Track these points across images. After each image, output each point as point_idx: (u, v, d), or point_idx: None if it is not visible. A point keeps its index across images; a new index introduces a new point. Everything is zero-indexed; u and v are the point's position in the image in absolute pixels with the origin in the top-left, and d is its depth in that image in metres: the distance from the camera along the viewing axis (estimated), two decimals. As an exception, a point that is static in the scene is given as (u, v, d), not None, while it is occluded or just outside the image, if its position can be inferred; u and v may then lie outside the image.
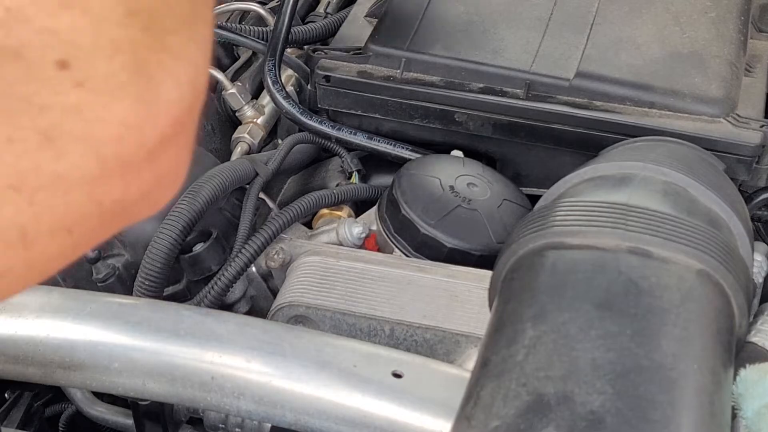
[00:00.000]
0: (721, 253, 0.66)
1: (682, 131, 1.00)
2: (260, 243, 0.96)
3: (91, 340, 0.79)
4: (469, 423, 0.57)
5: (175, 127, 0.40)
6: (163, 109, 0.39)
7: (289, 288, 0.94)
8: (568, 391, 0.55)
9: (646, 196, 0.73)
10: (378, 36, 1.11)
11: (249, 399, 0.77)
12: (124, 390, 0.80)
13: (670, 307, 0.61)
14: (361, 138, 1.12)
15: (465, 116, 1.07)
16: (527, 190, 1.08)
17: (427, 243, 0.96)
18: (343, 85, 1.10)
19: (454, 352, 0.89)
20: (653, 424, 0.54)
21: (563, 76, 1.05)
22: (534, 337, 0.59)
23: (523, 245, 0.68)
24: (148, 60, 0.38)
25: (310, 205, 1.03)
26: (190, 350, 0.78)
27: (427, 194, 0.99)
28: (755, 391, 0.64)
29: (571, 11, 1.12)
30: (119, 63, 0.37)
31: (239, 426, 0.90)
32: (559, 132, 1.05)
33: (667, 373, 0.57)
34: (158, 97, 0.39)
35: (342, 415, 0.75)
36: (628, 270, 0.63)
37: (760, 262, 0.89)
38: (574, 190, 0.78)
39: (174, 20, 0.39)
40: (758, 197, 1.04)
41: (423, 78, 1.08)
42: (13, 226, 0.37)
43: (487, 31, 1.10)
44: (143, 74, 0.38)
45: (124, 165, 0.38)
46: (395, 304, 0.91)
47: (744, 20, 1.13)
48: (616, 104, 1.04)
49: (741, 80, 1.06)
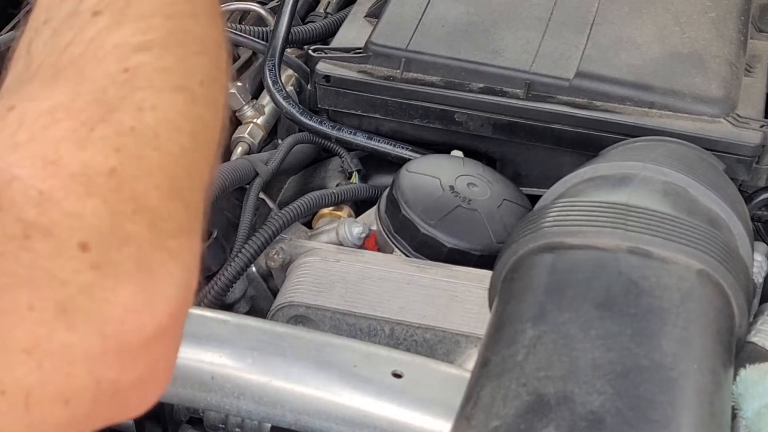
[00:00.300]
0: (721, 253, 0.66)
1: (682, 131, 1.00)
2: (260, 243, 0.96)
3: (91, 340, 0.79)
4: (469, 423, 0.57)
5: (170, 320, 0.44)
6: (161, 302, 0.44)
7: (289, 288, 0.94)
8: (568, 391, 0.55)
9: (646, 196, 0.73)
10: (378, 36, 1.11)
11: (249, 399, 0.77)
12: (124, 390, 0.79)
13: (670, 307, 0.61)
14: (361, 138, 1.12)
15: (465, 116, 1.07)
16: (527, 190, 1.08)
17: (427, 243, 0.96)
18: (343, 85, 1.10)
19: (454, 352, 0.89)
20: (653, 424, 0.54)
21: (563, 76, 1.05)
22: (534, 337, 0.59)
23: (523, 245, 0.68)
24: (151, 256, 0.43)
25: (310, 205, 1.02)
26: (190, 350, 0.78)
27: (427, 194, 0.99)
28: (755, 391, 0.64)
29: (571, 11, 1.12)
30: (128, 253, 0.42)
31: (239, 426, 0.90)
32: (559, 132, 1.05)
33: (667, 373, 0.57)
34: (157, 291, 0.43)
35: (342, 415, 0.75)
36: (628, 270, 0.63)
37: (760, 262, 0.89)
38: (574, 190, 0.78)
39: (174, 225, 0.45)
40: (758, 197, 1.04)
41: (423, 78, 1.08)
42: (21, 387, 0.40)
43: (487, 31, 1.10)
44: (146, 268, 0.43)
45: (122, 346, 0.42)
46: (395, 304, 0.91)
47: (744, 20, 1.13)
48: (616, 104, 1.04)
49: (741, 80, 1.06)
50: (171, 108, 0.48)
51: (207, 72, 0.51)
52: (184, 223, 0.46)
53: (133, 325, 0.43)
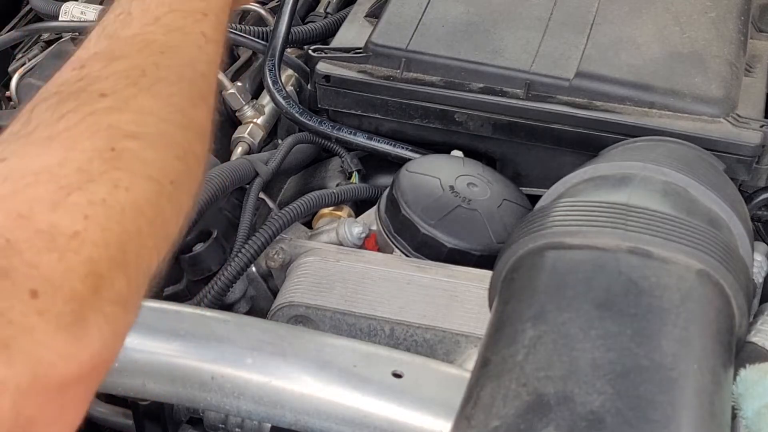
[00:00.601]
0: (721, 253, 0.66)
1: (682, 131, 1.00)
2: (260, 243, 0.96)
3: (91, 340, 0.79)
4: (469, 423, 0.57)
5: (90, 372, 0.49)
6: (88, 355, 0.49)
7: (289, 288, 0.94)
8: (568, 391, 0.55)
9: (646, 196, 0.73)
10: (378, 36, 1.11)
11: (249, 399, 0.77)
12: (124, 390, 0.80)
13: (670, 307, 0.61)
14: (361, 138, 1.12)
15: (465, 116, 1.07)
16: (527, 190, 1.08)
17: (427, 243, 0.96)
18: (343, 85, 1.10)
19: (454, 352, 0.89)
20: (653, 424, 0.54)
21: (563, 76, 1.05)
22: (534, 337, 0.59)
23: (523, 245, 0.68)
24: (89, 315, 0.49)
25: (310, 205, 1.02)
26: (190, 350, 0.78)
27: (427, 194, 0.99)
28: (755, 391, 0.64)
29: (571, 11, 1.12)
30: (70, 308, 0.48)
31: (239, 426, 0.90)
32: (559, 132, 1.05)
33: (667, 373, 0.57)
34: (87, 345, 0.49)
35: (342, 415, 0.75)
36: (628, 270, 0.63)
37: (760, 262, 0.89)
38: (574, 190, 0.78)
39: (114, 295, 0.51)
40: (758, 197, 1.04)
41: (423, 78, 1.08)
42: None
43: (487, 31, 1.10)
44: (82, 323, 0.49)
45: (47, 386, 0.47)
46: (395, 304, 0.91)
47: (744, 20, 1.13)
48: (616, 104, 1.04)
49: (741, 80, 1.06)
50: (141, 194, 0.54)
51: (180, 176, 0.58)
52: (124, 295, 0.52)
53: (60, 369, 0.47)
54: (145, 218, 0.54)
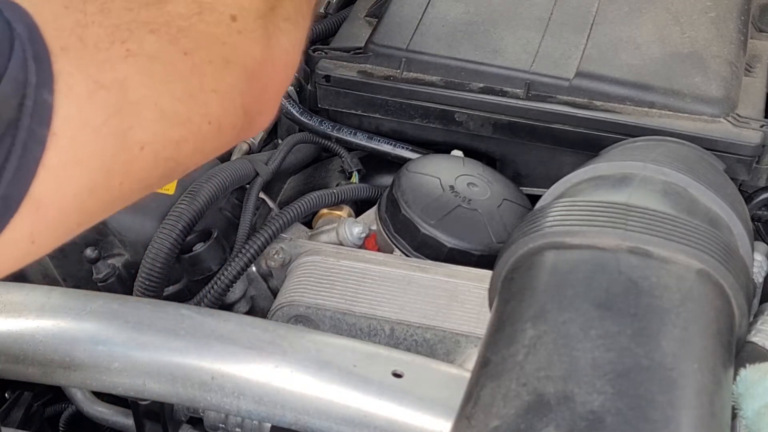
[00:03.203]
0: (721, 253, 0.66)
1: (682, 131, 1.00)
2: (260, 243, 0.96)
3: (91, 340, 0.79)
4: (469, 423, 0.57)
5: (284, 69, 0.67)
6: (278, 55, 0.65)
7: (289, 288, 0.94)
8: (568, 390, 0.55)
9: (647, 195, 0.73)
10: (378, 36, 1.11)
11: (249, 399, 0.77)
12: (124, 390, 0.80)
13: (670, 307, 0.61)
14: (361, 138, 1.12)
15: (465, 116, 1.07)
16: (527, 190, 1.08)
17: (427, 243, 0.96)
18: (343, 85, 1.10)
19: (454, 352, 0.89)
20: (653, 424, 0.54)
21: (563, 76, 1.05)
22: (534, 336, 0.59)
23: (523, 245, 0.68)
24: (271, 28, 0.64)
25: (310, 205, 1.02)
26: (190, 350, 0.78)
27: (427, 194, 0.99)
28: (755, 391, 0.64)
29: (571, 11, 1.12)
30: (258, 24, 0.63)
31: (239, 426, 0.90)
32: (559, 132, 1.05)
33: (667, 373, 0.57)
34: (276, 49, 0.65)
35: (342, 415, 0.75)
36: (628, 270, 0.63)
37: (760, 262, 0.89)
38: (574, 189, 0.78)
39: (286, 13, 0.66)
40: (758, 197, 1.04)
41: (423, 78, 1.08)
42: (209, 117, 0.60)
43: (487, 31, 1.10)
44: (267, 35, 0.64)
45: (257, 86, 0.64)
46: (395, 304, 0.91)
47: (744, 20, 1.13)
48: (616, 104, 1.04)
49: (741, 80, 1.06)
50: None
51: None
52: (292, 14, 0.68)
53: (265, 69, 0.64)
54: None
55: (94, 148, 0.52)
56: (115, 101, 0.53)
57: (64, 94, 0.50)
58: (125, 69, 0.54)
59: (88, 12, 0.54)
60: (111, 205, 0.57)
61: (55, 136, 0.50)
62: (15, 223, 0.50)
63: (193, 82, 0.59)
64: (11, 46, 0.49)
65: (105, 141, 0.53)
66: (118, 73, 0.54)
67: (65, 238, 0.55)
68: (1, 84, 0.48)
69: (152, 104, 0.56)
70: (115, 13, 0.55)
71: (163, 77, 0.57)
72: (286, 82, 0.69)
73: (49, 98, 0.49)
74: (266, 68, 0.64)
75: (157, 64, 0.56)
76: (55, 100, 0.50)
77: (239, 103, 0.62)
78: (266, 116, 0.68)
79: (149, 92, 0.56)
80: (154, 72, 0.56)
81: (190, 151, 0.60)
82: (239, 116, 0.63)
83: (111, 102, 0.53)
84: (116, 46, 0.54)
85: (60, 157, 0.50)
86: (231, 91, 0.61)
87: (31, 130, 0.49)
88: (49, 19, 0.51)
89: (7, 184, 0.48)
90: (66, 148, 0.51)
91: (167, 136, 0.57)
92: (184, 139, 0.59)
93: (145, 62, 0.56)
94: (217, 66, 0.60)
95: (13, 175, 0.48)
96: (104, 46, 0.54)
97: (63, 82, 0.50)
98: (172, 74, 0.58)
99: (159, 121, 0.56)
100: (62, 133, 0.50)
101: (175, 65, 0.58)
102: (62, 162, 0.51)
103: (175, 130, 0.58)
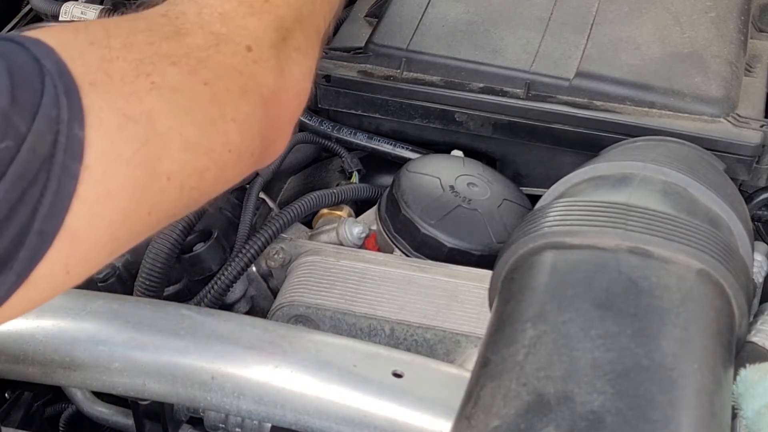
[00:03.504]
0: (721, 253, 0.66)
1: (682, 131, 1.00)
2: (260, 243, 0.96)
3: (91, 340, 0.79)
4: (469, 423, 0.57)
5: (297, 97, 0.69)
6: (290, 85, 0.67)
7: (289, 288, 0.94)
8: (568, 390, 0.55)
9: (647, 195, 0.73)
10: (378, 36, 1.11)
11: (249, 399, 0.77)
12: (124, 390, 0.80)
13: (670, 307, 0.61)
14: (361, 138, 1.12)
15: (465, 116, 1.07)
16: (527, 190, 1.08)
17: (427, 243, 0.96)
18: (343, 85, 1.10)
19: (454, 352, 0.89)
20: (653, 424, 0.54)
21: (563, 76, 1.05)
22: (534, 336, 0.59)
23: (523, 245, 0.68)
24: (283, 58, 0.67)
25: (310, 205, 1.02)
26: (190, 350, 0.78)
27: (427, 194, 0.99)
28: (755, 391, 0.64)
29: (571, 11, 1.12)
30: (271, 54, 0.65)
31: (239, 426, 0.90)
32: (559, 132, 1.05)
33: (667, 373, 0.57)
34: (288, 78, 0.67)
35: (342, 415, 0.75)
36: (628, 270, 0.63)
37: (760, 262, 0.89)
38: (574, 189, 0.78)
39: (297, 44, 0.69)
40: (758, 197, 1.04)
41: (423, 78, 1.08)
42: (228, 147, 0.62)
43: (487, 31, 1.10)
44: (280, 65, 0.66)
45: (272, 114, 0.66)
46: (395, 304, 0.91)
47: (744, 20, 1.13)
48: (616, 104, 1.04)
49: (741, 80, 1.06)
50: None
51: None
52: (303, 45, 0.70)
53: (279, 98, 0.66)
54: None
55: (125, 180, 0.54)
56: (143, 133, 0.55)
57: (96, 128, 0.52)
58: (151, 101, 0.56)
59: (113, 47, 0.56)
60: (139, 235, 0.59)
61: (88, 169, 0.51)
62: (51, 255, 0.51)
63: (213, 112, 0.61)
64: (42, 82, 0.50)
65: (135, 172, 0.54)
66: (145, 106, 0.55)
67: (98, 267, 0.57)
68: (36, 120, 0.49)
69: (177, 135, 0.57)
70: (138, 47, 0.57)
71: (186, 108, 0.59)
72: (299, 110, 0.70)
73: (80, 133, 0.51)
74: (280, 97, 0.66)
75: (180, 95, 0.58)
76: (87, 134, 0.51)
77: (256, 131, 0.64)
78: (280, 144, 0.70)
79: (174, 123, 0.57)
80: (178, 103, 0.58)
81: (213, 180, 0.62)
82: (257, 144, 0.65)
83: (139, 134, 0.55)
84: (141, 79, 0.56)
85: (93, 189, 0.52)
86: (249, 120, 0.63)
87: (64, 165, 0.50)
88: (76, 56, 0.53)
89: (42, 219, 0.50)
90: (99, 181, 0.52)
91: (192, 166, 0.59)
92: (207, 168, 0.60)
93: (169, 94, 0.57)
94: (235, 95, 0.62)
95: (49, 210, 0.50)
96: (130, 80, 0.55)
97: (94, 116, 0.52)
98: (194, 105, 0.59)
99: (184, 151, 0.58)
100: (95, 166, 0.52)
101: (197, 96, 0.60)
102: (95, 194, 0.52)
103: (199, 159, 0.59)
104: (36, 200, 0.50)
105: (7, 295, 0.51)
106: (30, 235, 0.50)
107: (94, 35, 0.56)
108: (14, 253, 0.50)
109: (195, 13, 0.64)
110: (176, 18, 0.63)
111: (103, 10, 1.16)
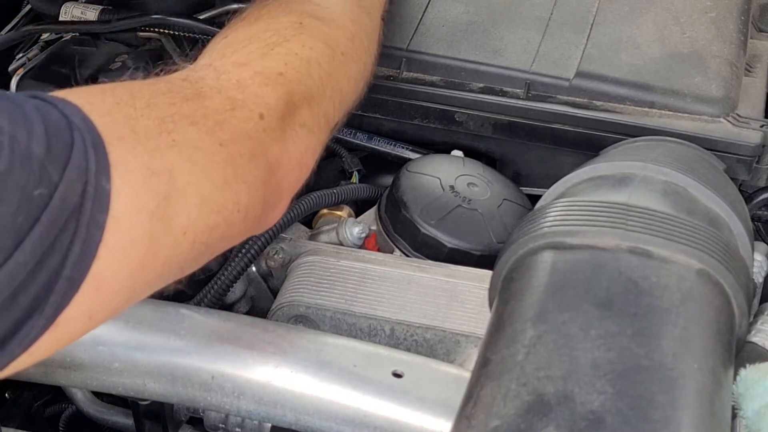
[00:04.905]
0: (721, 253, 0.66)
1: (682, 131, 1.00)
2: (260, 243, 0.96)
3: (91, 340, 0.79)
4: (469, 423, 0.57)
5: (298, 167, 0.73)
6: (293, 156, 0.71)
7: (290, 288, 0.94)
8: (568, 390, 0.55)
9: (647, 195, 0.73)
10: (378, 36, 1.11)
11: (249, 399, 0.77)
12: (124, 390, 0.80)
13: (670, 306, 0.61)
14: (361, 138, 1.12)
15: (465, 116, 1.07)
16: (527, 190, 1.08)
17: (427, 243, 0.96)
18: (343, 85, 1.10)
19: (454, 352, 0.89)
20: (653, 424, 0.54)
21: (563, 76, 1.05)
22: (534, 336, 0.59)
23: (523, 245, 0.68)
24: (289, 130, 0.71)
25: (310, 205, 1.02)
26: (190, 350, 0.78)
27: (427, 194, 0.99)
28: (755, 391, 0.64)
29: (571, 11, 1.12)
30: (279, 125, 0.70)
31: (239, 426, 0.90)
32: (559, 132, 1.05)
33: (668, 373, 0.57)
34: (291, 150, 0.71)
35: (342, 415, 0.75)
36: (628, 270, 0.63)
37: (760, 262, 0.89)
38: (574, 189, 0.78)
39: (302, 120, 0.73)
40: (758, 197, 1.04)
41: (423, 78, 1.08)
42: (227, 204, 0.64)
43: (487, 31, 1.10)
44: (284, 137, 0.70)
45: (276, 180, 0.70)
46: (395, 304, 0.91)
47: (744, 20, 1.12)
48: (616, 104, 1.04)
49: (741, 80, 1.06)
50: (320, 53, 0.78)
51: (348, 50, 0.82)
52: (308, 122, 0.74)
53: (282, 165, 0.70)
54: (323, 71, 0.77)
55: (147, 232, 0.56)
56: (165, 187, 0.58)
57: (123, 180, 0.55)
58: (172, 157, 0.59)
59: (137, 107, 0.60)
60: (151, 286, 0.61)
61: (115, 219, 0.54)
62: (76, 301, 0.53)
63: (228, 172, 0.64)
64: (72, 135, 0.53)
65: (156, 224, 0.57)
66: (167, 161, 0.59)
67: (115, 314, 0.59)
68: (67, 170, 0.51)
69: (195, 191, 0.60)
70: (160, 107, 0.61)
71: (203, 166, 0.62)
72: (298, 183, 0.74)
73: (106, 185, 0.54)
74: (282, 166, 0.70)
75: (199, 154, 0.62)
76: (114, 186, 0.54)
77: (261, 195, 0.67)
78: (278, 212, 0.73)
79: (193, 179, 0.60)
80: (196, 161, 0.61)
81: (220, 236, 0.64)
82: (259, 208, 0.68)
83: (161, 188, 0.58)
84: (163, 136, 0.59)
85: (119, 239, 0.54)
86: (256, 183, 0.66)
87: (92, 215, 0.52)
88: (104, 113, 0.57)
89: (72, 266, 0.52)
90: (125, 231, 0.54)
91: (205, 222, 0.62)
92: (217, 225, 0.63)
93: (189, 151, 0.61)
94: (246, 158, 0.65)
95: (78, 257, 0.52)
96: (153, 136, 0.59)
97: (122, 168, 0.55)
98: (211, 163, 0.63)
99: (199, 207, 0.61)
100: (122, 216, 0.54)
101: (213, 155, 0.63)
102: (121, 244, 0.54)
103: (211, 216, 0.62)
104: (66, 247, 0.52)
105: (37, 337, 0.53)
106: (60, 281, 0.52)
107: (120, 96, 0.60)
108: (45, 297, 0.52)
109: (213, 78, 0.69)
110: (196, 82, 0.67)
111: (103, 10, 1.15)
